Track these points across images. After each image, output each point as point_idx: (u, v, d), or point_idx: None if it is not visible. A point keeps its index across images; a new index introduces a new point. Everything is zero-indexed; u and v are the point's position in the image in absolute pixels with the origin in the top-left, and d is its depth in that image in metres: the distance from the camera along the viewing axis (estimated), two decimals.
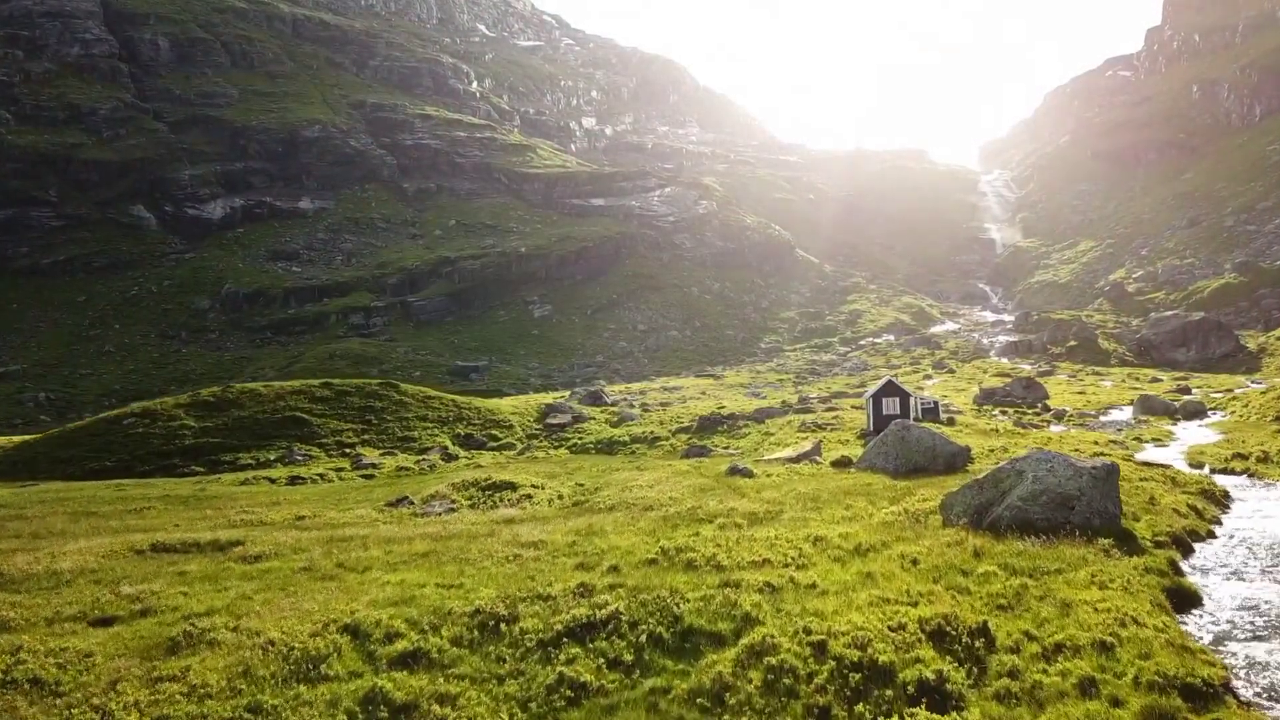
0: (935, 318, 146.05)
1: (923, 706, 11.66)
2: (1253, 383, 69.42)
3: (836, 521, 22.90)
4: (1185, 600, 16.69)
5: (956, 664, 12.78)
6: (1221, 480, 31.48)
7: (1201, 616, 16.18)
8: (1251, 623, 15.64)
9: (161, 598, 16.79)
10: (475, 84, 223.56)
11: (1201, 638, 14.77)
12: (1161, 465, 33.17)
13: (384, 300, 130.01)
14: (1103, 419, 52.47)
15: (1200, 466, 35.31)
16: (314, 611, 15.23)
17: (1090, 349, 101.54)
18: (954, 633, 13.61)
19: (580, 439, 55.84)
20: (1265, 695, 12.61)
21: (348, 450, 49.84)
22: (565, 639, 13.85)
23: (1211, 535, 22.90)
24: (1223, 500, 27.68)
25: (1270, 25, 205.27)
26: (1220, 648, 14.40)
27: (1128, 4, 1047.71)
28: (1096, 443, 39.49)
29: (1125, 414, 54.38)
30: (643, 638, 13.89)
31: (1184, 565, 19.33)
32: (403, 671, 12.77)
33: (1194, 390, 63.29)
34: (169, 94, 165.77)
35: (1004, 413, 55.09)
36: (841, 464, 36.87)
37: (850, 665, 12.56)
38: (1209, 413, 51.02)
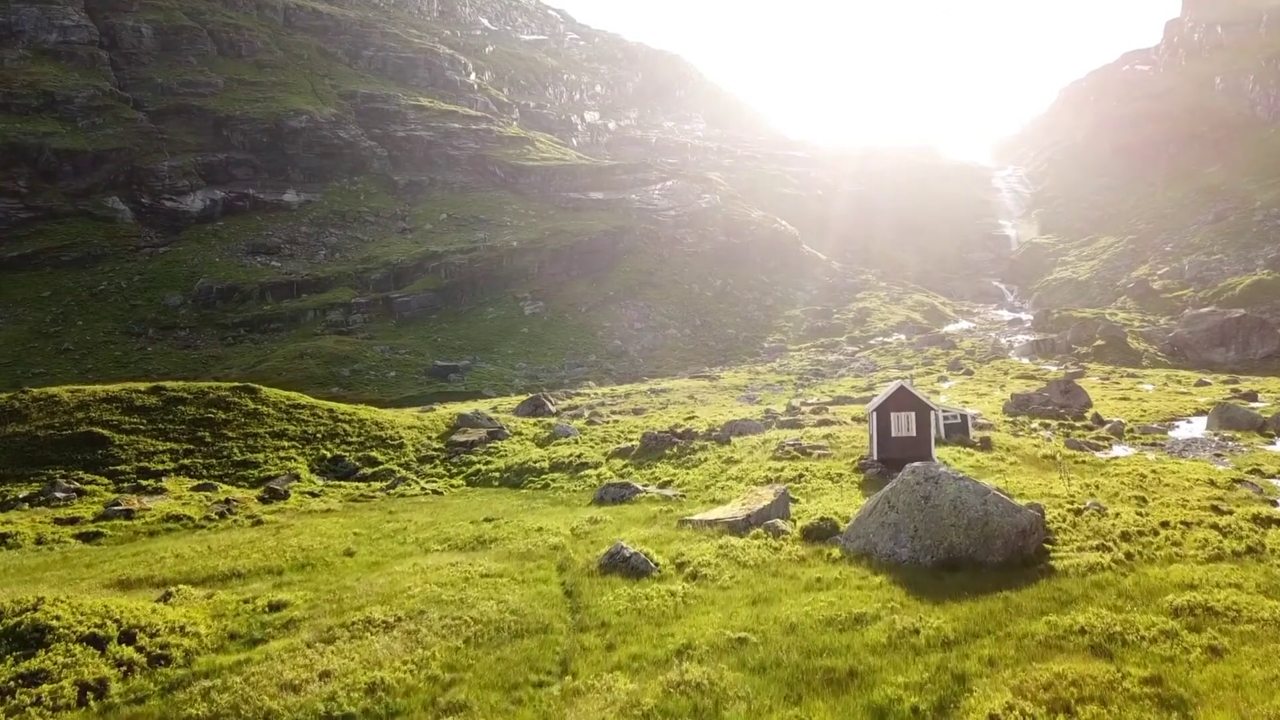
0: (948, 316, 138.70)
1: None
2: None
3: None
4: None
5: None
6: None
7: None
8: None
9: None
10: (474, 76, 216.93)
11: None
12: None
13: (366, 296, 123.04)
14: (1174, 435, 42.34)
15: None
16: None
17: (1119, 349, 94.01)
18: None
19: (487, 464, 44.28)
20: None
21: (145, 482, 38.29)
22: None
23: None
24: None
25: None
26: None
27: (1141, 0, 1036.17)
28: (1213, 483, 27.28)
29: (1195, 427, 44.65)
30: None
31: None
32: None
33: (1261, 397, 54.94)
34: (150, 83, 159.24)
35: (1046, 426, 44.62)
36: (819, 536, 21.90)
37: None
38: None
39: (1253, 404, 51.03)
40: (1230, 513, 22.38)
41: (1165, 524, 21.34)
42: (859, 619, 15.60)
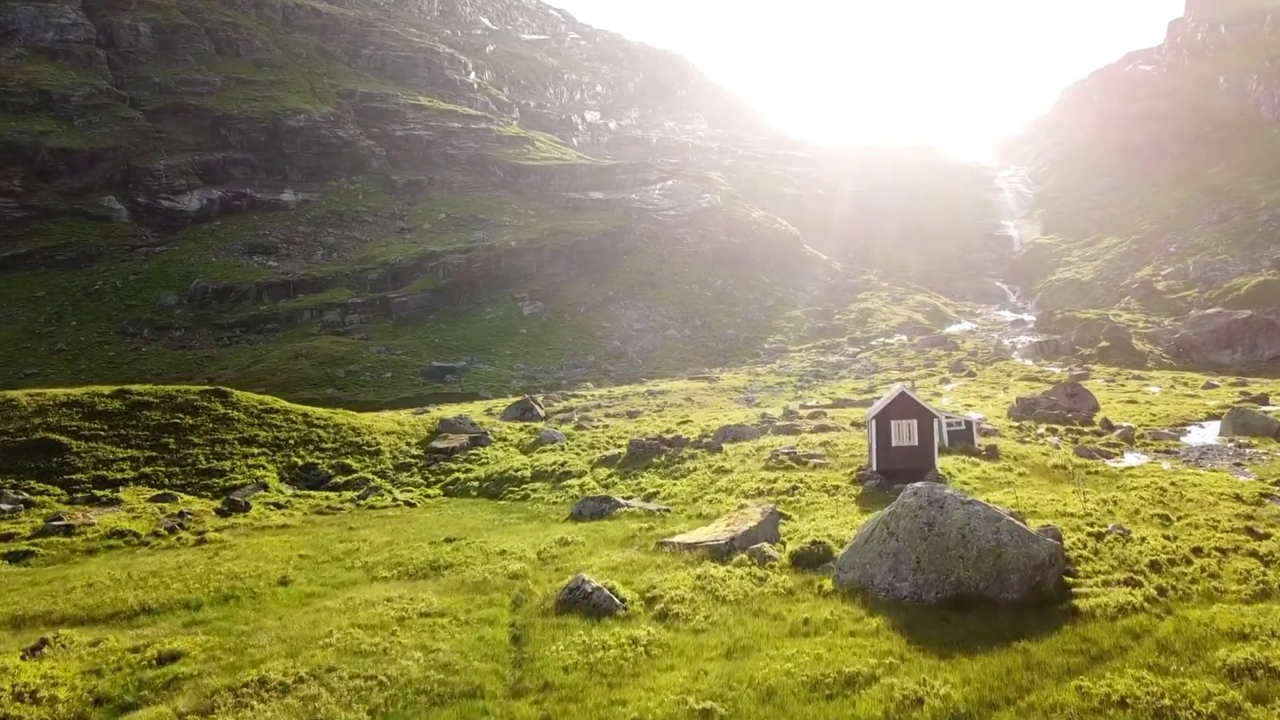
0: (950, 317, 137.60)
1: None
2: None
3: None
4: None
5: None
6: None
7: None
8: None
9: None
10: (474, 75, 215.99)
11: None
12: None
13: (363, 296, 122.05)
14: (1187, 441, 40.44)
15: None
16: None
17: (1124, 350, 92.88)
18: None
19: (466, 472, 42.20)
20: None
21: (101, 492, 35.92)
22: None
23: None
24: None
25: None
26: None
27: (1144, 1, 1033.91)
28: (1240, 497, 25.71)
29: (1208, 432, 42.91)
30: None
31: None
32: None
33: (1272, 400, 53.58)
34: (148, 81, 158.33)
35: (1053, 431, 42.66)
36: (810, 563, 20.14)
37: None
38: None
39: (1265, 407, 49.64)
40: (1268, 536, 20.50)
41: (1198, 550, 19.39)
42: (851, 680, 13.22)
